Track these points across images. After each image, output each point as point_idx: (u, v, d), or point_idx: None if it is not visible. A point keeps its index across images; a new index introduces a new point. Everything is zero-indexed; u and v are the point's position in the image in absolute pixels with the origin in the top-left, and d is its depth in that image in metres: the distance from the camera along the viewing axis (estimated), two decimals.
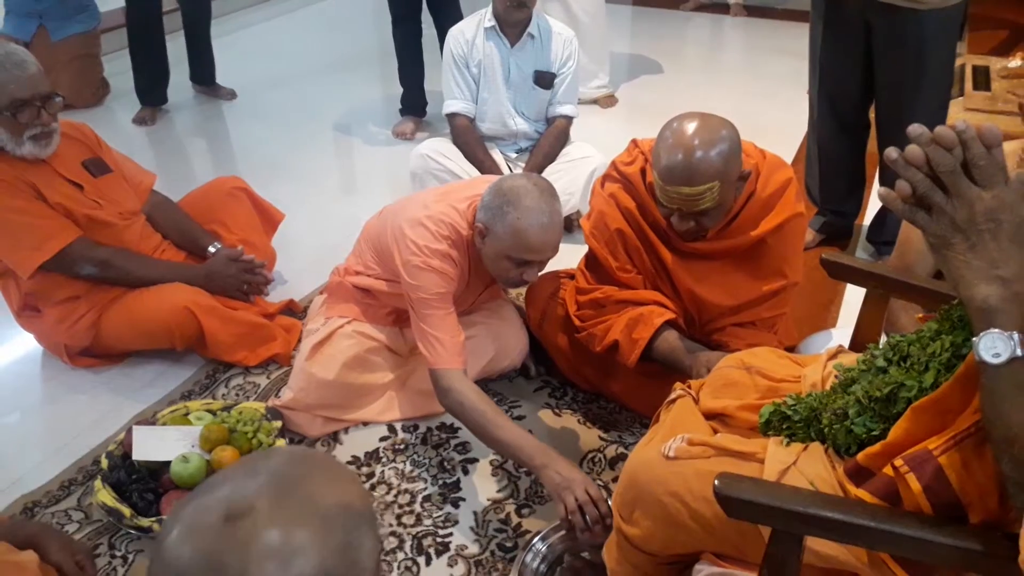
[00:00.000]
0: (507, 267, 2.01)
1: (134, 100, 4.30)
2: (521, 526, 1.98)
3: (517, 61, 3.18)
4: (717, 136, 1.82)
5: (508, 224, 1.94)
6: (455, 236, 2.08)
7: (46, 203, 2.29)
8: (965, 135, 0.97)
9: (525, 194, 1.93)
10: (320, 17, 6.26)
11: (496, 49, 3.17)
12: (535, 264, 2.02)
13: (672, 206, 1.90)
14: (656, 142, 1.89)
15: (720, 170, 1.83)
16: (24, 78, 2.18)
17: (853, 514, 1.15)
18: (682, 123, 1.85)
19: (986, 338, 0.97)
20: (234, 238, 2.67)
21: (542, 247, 1.97)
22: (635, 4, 6.32)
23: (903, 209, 1.02)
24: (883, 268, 1.76)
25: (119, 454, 2.05)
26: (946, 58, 2.63)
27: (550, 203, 1.96)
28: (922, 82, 2.59)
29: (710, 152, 1.81)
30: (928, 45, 2.54)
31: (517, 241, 1.95)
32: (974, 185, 0.98)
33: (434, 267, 2.03)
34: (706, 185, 1.83)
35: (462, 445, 2.21)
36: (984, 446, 1.06)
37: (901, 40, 2.54)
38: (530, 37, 3.17)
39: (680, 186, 1.83)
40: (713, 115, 1.89)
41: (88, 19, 4.34)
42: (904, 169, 1.00)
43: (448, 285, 2.04)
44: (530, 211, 1.92)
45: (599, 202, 2.16)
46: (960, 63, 3.84)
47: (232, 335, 2.44)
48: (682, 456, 1.44)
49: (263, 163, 3.84)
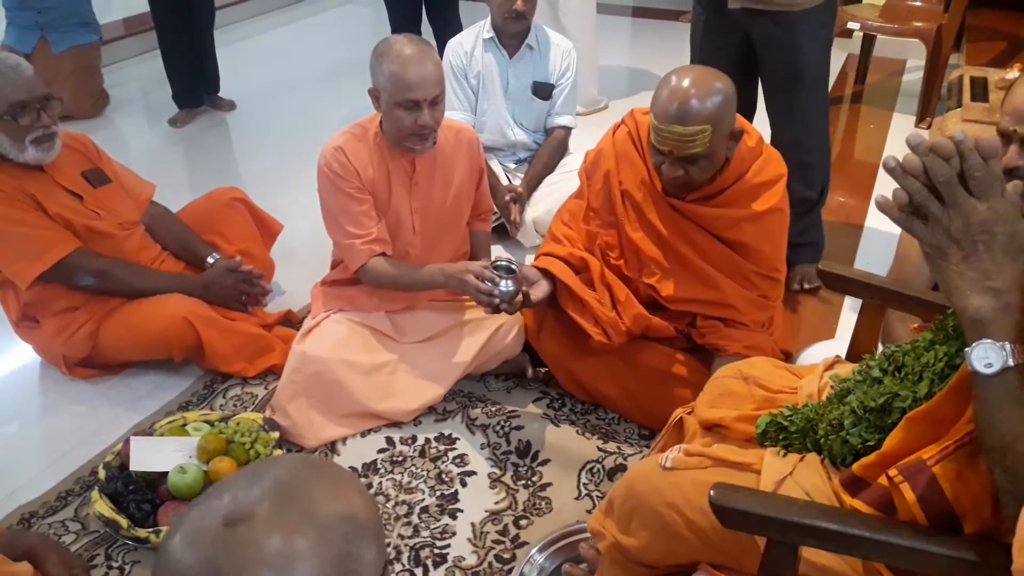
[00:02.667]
0: (401, 117, 2.13)
1: (134, 111, 4.33)
2: (519, 538, 1.97)
3: (516, 72, 3.20)
4: (713, 85, 1.90)
5: (385, 73, 2.10)
6: (357, 131, 2.27)
7: (45, 213, 2.30)
8: (963, 146, 0.97)
9: (394, 43, 2.12)
10: (320, 28, 6.29)
11: (495, 60, 3.19)
12: (422, 104, 2.11)
13: (664, 147, 1.94)
14: (657, 87, 1.96)
15: (712, 115, 1.89)
16: (20, 81, 2.20)
17: (848, 524, 1.15)
18: (681, 71, 1.94)
19: (978, 348, 0.98)
20: (233, 249, 2.67)
21: (420, 82, 2.09)
22: (634, 16, 6.35)
23: (900, 217, 1.02)
24: (879, 279, 1.77)
25: (116, 465, 2.05)
26: (821, 56, 2.73)
27: (419, 46, 2.13)
28: (801, 81, 2.68)
29: (705, 96, 1.88)
30: (802, 45, 2.62)
31: (396, 84, 2.09)
32: (970, 196, 0.98)
33: (330, 165, 2.21)
34: (698, 127, 1.88)
35: (460, 457, 2.21)
36: (978, 456, 1.06)
37: (776, 42, 2.63)
38: (529, 48, 3.19)
39: (674, 124, 1.89)
40: (710, 68, 1.98)
41: (89, 32, 4.37)
42: (901, 177, 1.00)
43: (347, 177, 2.20)
44: (400, 54, 2.09)
45: (604, 142, 2.26)
46: (958, 74, 3.86)
47: (230, 346, 2.44)
48: (679, 466, 1.44)
49: (262, 173, 3.85)
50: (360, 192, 2.24)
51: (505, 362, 2.44)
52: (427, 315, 2.39)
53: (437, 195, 2.33)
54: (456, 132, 2.38)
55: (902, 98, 4.64)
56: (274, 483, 0.76)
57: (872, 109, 4.56)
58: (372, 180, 2.25)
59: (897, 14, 4.39)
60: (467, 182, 2.39)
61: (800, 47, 2.62)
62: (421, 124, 2.13)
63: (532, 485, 2.12)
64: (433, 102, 2.13)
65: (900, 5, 4.48)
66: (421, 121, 2.13)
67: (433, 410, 2.35)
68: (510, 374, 2.48)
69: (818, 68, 2.72)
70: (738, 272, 2.13)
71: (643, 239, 2.15)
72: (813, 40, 2.64)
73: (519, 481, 2.13)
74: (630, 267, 2.20)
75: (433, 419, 2.34)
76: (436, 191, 2.33)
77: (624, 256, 2.21)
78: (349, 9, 6.71)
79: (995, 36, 4.79)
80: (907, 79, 4.90)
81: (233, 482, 0.78)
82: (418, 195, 2.31)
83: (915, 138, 1.00)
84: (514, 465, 2.18)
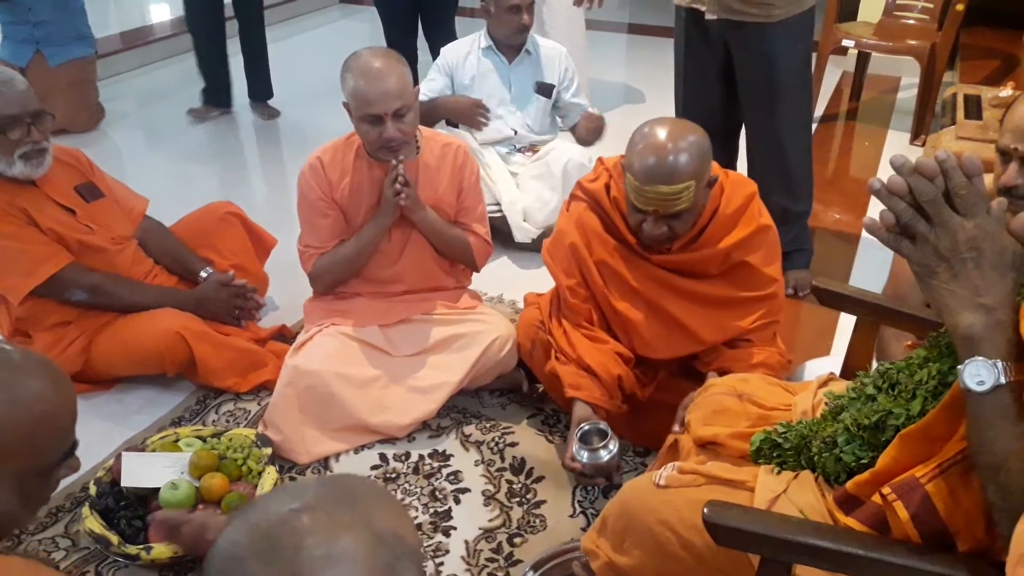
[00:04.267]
0: (367, 130, 2.18)
1: (129, 125, 4.33)
2: (513, 555, 1.96)
3: (517, 76, 3.32)
4: (691, 137, 1.87)
5: (350, 87, 2.14)
6: (345, 141, 2.33)
7: (38, 228, 2.29)
8: (946, 164, 0.98)
9: (360, 57, 2.15)
10: (314, 43, 6.30)
11: (494, 66, 3.31)
12: (385, 119, 2.14)
13: (648, 208, 1.90)
14: (629, 147, 1.92)
15: (696, 169, 1.86)
16: (12, 95, 2.18)
17: (842, 542, 1.15)
18: (654, 127, 1.89)
19: (971, 366, 0.98)
20: (226, 263, 2.67)
21: (380, 96, 2.11)
22: (629, 32, 6.38)
23: (888, 238, 1.03)
24: (873, 296, 1.77)
25: (108, 480, 2.04)
26: (799, 67, 2.76)
27: (385, 60, 2.14)
28: (778, 92, 2.70)
29: (687, 151, 1.84)
30: (779, 55, 2.65)
31: (358, 99, 2.13)
32: (956, 214, 0.99)
33: (304, 174, 2.31)
34: (684, 184, 1.85)
35: (454, 474, 2.20)
36: (971, 474, 1.06)
37: (753, 53, 2.66)
38: (527, 53, 3.32)
39: (659, 185, 1.85)
40: (681, 119, 1.96)
41: (85, 45, 4.36)
42: (887, 199, 1.01)
43: (318, 188, 2.29)
44: (363, 69, 2.12)
45: (560, 221, 2.19)
46: (952, 92, 3.87)
47: (223, 361, 2.43)
48: (673, 484, 1.44)
49: (257, 187, 3.85)
50: (327, 207, 2.30)
51: (500, 377, 2.43)
52: (420, 329, 2.38)
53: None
54: (443, 145, 2.39)
55: (896, 115, 4.66)
56: (343, 488, 0.82)
57: (867, 126, 4.58)
58: (349, 190, 2.29)
59: (891, 32, 4.42)
60: (450, 194, 2.40)
61: (776, 58, 2.65)
62: (387, 137, 2.16)
63: (526, 503, 2.11)
64: (397, 115, 2.15)
65: (894, 23, 4.51)
66: (386, 135, 2.16)
67: (427, 426, 2.35)
68: (505, 390, 2.48)
69: (796, 79, 2.75)
70: (734, 307, 2.09)
71: (629, 309, 2.09)
72: (790, 51, 2.67)
73: (513, 498, 2.12)
74: (623, 339, 2.13)
75: (427, 435, 2.33)
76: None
77: (611, 330, 2.13)
78: (344, 24, 6.73)
79: (988, 54, 4.83)
80: (901, 96, 4.93)
81: (303, 482, 0.84)
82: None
83: (899, 159, 1.01)
84: (508, 482, 2.17)
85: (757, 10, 2.59)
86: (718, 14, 2.63)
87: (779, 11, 2.58)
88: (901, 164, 1.00)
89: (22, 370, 1.15)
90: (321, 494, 0.80)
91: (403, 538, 0.80)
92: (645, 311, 2.09)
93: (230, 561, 0.76)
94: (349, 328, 2.35)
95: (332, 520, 0.77)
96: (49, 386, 1.17)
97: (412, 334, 2.38)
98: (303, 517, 0.76)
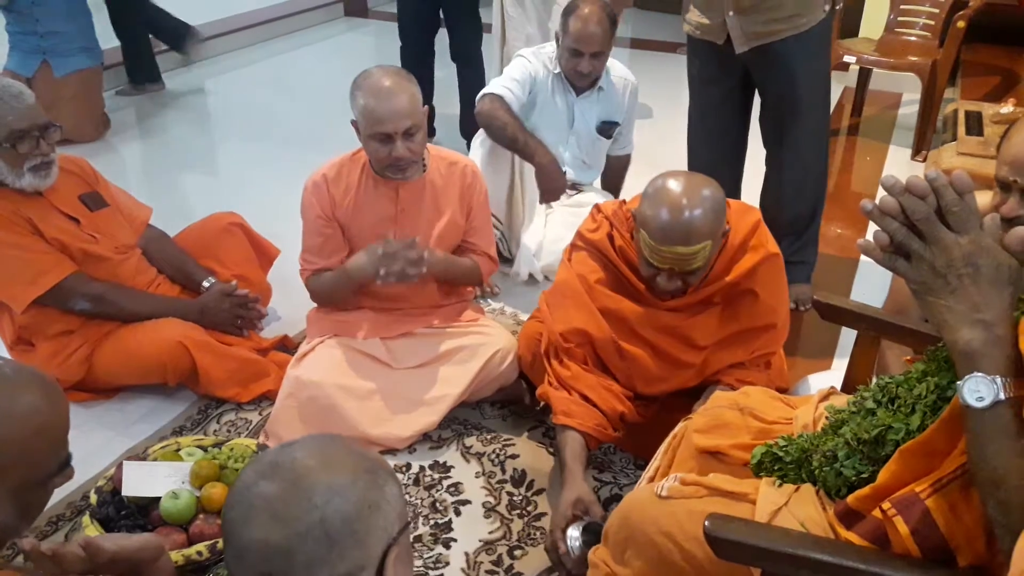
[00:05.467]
0: (376, 148, 2.17)
1: (134, 135, 4.34)
2: (513, 568, 1.96)
3: (583, 110, 3.09)
4: (708, 195, 1.84)
5: (360, 107, 2.14)
6: (351, 157, 2.33)
7: (42, 237, 2.30)
8: (936, 183, 0.99)
9: (370, 75, 2.14)
10: (322, 56, 6.32)
11: (561, 95, 3.06)
12: (395, 137, 2.14)
13: (664, 266, 1.89)
14: (643, 203, 1.89)
15: (713, 229, 1.85)
16: (22, 109, 2.20)
17: (842, 556, 1.15)
18: (668, 183, 1.86)
19: (970, 381, 0.98)
20: (229, 273, 2.67)
21: (391, 115, 2.11)
22: (632, 47, 6.41)
23: (883, 258, 1.03)
24: (874, 310, 1.77)
25: (109, 489, 2.03)
26: (822, 76, 2.76)
27: (395, 78, 2.15)
28: (802, 103, 2.71)
29: (704, 211, 1.82)
30: (802, 65, 2.65)
31: (368, 117, 2.12)
32: (950, 231, 0.99)
33: (307, 189, 2.32)
34: (701, 244, 1.83)
35: (454, 486, 2.20)
36: (971, 489, 1.06)
37: (779, 68, 2.66)
38: (599, 89, 3.06)
39: (676, 246, 1.83)
40: (695, 174, 1.92)
41: (91, 56, 4.39)
42: (880, 219, 1.02)
43: (320, 205, 2.29)
44: (374, 87, 2.12)
45: (562, 271, 2.16)
46: (953, 108, 3.89)
47: (225, 371, 2.44)
48: (675, 495, 1.44)
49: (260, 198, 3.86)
50: (325, 225, 2.31)
51: (501, 389, 2.44)
52: (422, 342, 2.39)
53: (424, 225, 2.35)
54: (450, 164, 2.39)
55: (898, 131, 4.67)
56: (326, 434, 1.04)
57: (868, 141, 4.59)
58: (352, 206, 2.29)
59: (893, 48, 4.44)
60: (458, 214, 2.39)
61: (801, 69, 2.65)
62: (396, 156, 2.16)
63: (527, 515, 2.11)
64: (407, 134, 2.15)
65: (895, 40, 4.54)
66: (395, 153, 2.16)
67: (428, 438, 2.35)
68: (505, 402, 2.48)
69: (819, 88, 2.75)
70: (737, 342, 2.08)
71: (642, 355, 2.07)
72: (813, 60, 2.67)
73: (514, 511, 2.12)
74: (622, 379, 2.09)
75: (428, 447, 2.33)
76: (424, 221, 2.34)
77: (606, 371, 2.10)
78: (350, 38, 6.76)
79: (990, 71, 4.85)
80: (903, 112, 4.95)
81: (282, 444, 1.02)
82: (405, 223, 2.32)
83: (889, 179, 1.02)
84: (509, 494, 2.17)
85: (783, 25, 2.57)
86: (747, 45, 2.61)
87: (804, 20, 2.57)
88: (892, 184, 1.01)
89: (15, 384, 1.16)
90: (307, 437, 1.00)
91: (379, 460, 0.99)
92: (650, 353, 2.08)
93: (243, 491, 0.92)
94: (351, 340, 2.35)
95: (320, 444, 0.98)
96: (43, 399, 1.18)
97: (414, 346, 2.38)
98: (295, 446, 0.96)
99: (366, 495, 0.92)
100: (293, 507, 0.89)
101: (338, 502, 0.90)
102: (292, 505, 0.89)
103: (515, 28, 3.88)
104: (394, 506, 0.95)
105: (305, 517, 0.89)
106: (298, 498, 0.90)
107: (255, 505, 0.90)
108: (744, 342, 2.09)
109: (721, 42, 2.67)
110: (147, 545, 1.29)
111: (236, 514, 0.91)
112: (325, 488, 0.91)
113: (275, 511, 0.89)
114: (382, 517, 0.93)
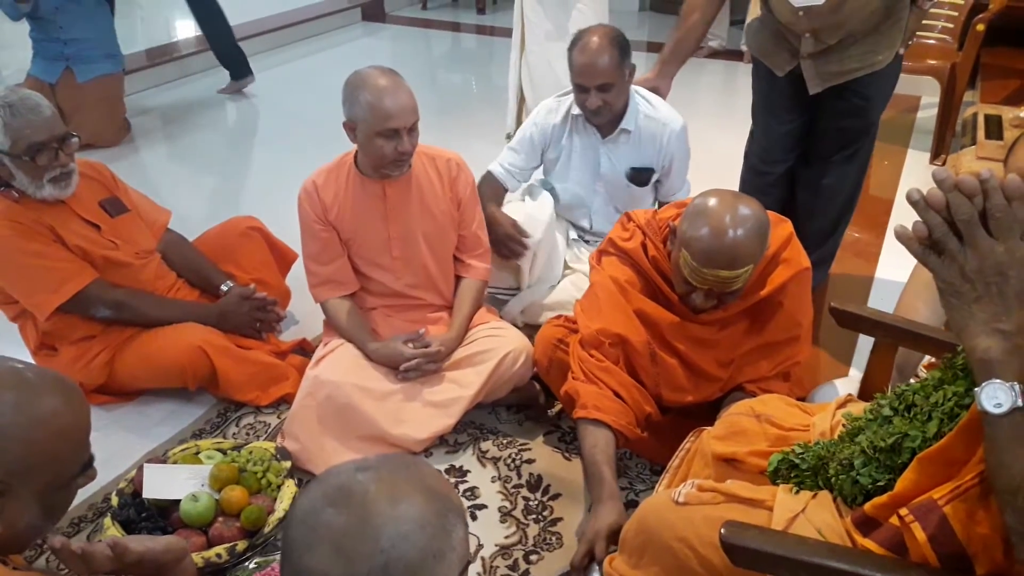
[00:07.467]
0: (381, 146, 2.19)
1: (155, 140, 4.37)
2: (529, 573, 1.96)
3: (609, 153, 2.72)
4: (754, 219, 1.81)
5: (363, 104, 2.15)
6: (336, 163, 2.38)
7: (64, 245, 2.33)
8: (988, 184, 0.97)
9: (368, 75, 2.18)
10: (341, 59, 6.34)
11: (585, 139, 2.73)
12: (401, 132, 2.17)
13: (704, 287, 1.88)
14: (687, 223, 1.85)
15: (756, 252, 1.84)
16: (39, 122, 2.22)
17: (859, 564, 1.15)
18: (713, 204, 1.83)
19: (988, 388, 0.98)
20: (248, 277, 2.70)
21: (399, 111, 2.15)
22: (648, 51, 6.40)
23: (917, 250, 1.02)
24: (891, 317, 1.77)
25: (129, 492, 2.06)
26: (884, 106, 2.77)
27: (391, 76, 2.20)
28: (868, 134, 2.75)
29: (749, 236, 1.80)
30: (874, 100, 2.67)
31: (375, 114, 2.15)
32: (989, 236, 0.98)
33: (300, 198, 2.37)
34: (745, 268, 1.83)
35: (471, 490, 2.21)
36: (989, 496, 1.05)
37: (851, 103, 2.66)
38: (625, 132, 2.67)
39: (719, 270, 1.82)
40: (740, 194, 1.89)
41: (113, 62, 4.44)
42: (924, 211, 1.01)
43: (313, 211, 2.34)
44: (376, 86, 2.15)
45: (593, 276, 2.16)
46: (972, 112, 3.87)
47: (244, 375, 2.46)
48: (692, 501, 1.44)
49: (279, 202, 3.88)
50: (321, 230, 2.36)
51: (516, 390, 2.44)
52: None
53: (415, 220, 2.37)
54: (432, 158, 2.42)
55: (916, 135, 4.64)
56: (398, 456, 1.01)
57: (886, 145, 4.56)
58: (342, 212, 2.33)
59: (911, 52, 4.41)
60: (449, 205, 2.42)
61: (871, 104, 2.67)
62: (401, 151, 2.20)
63: (543, 520, 2.11)
64: (411, 129, 2.20)
65: (914, 43, 4.50)
66: (401, 148, 2.20)
67: (444, 442, 2.36)
68: (522, 405, 2.49)
69: (876, 126, 2.78)
70: (762, 354, 2.08)
71: (673, 364, 2.06)
72: (883, 93, 2.69)
73: (530, 515, 2.12)
74: (650, 385, 2.07)
75: (444, 451, 2.34)
76: (414, 216, 2.37)
77: (641, 376, 2.07)
78: (367, 42, 6.79)
79: (1009, 74, 4.81)
80: (921, 116, 4.91)
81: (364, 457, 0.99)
82: (396, 220, 2.35)
83: (941, 173, 0.99)
84: (525, 499, 2.18)
85: (858, 63, 2.54)
86: (822, 86, 2.60)
87: (881, 57, 2.54)
88: (943, 179, 0.99)
89: (37, 389, 1.18)
90: (381, 459, 0.96)
91: (450, 497, 0.95)
92: (679, 363, 2.07)
93: (309, 513, 0.90)
94: None
95: (392, 476, 0.93)
96: (64, 402, 1.21)
97: None
98: (368, 474, 0.92)
99: (432, 543, 0.89)
100: (359, 546, 0.87)
101: (404, 548, 0.88)
102: (358, 543, 0.87)
103: (533, 31, 3.90)
104: (459, 552, 0.93)
105: (368, 559, 0.87)
106: (364, 537, 0.87)
107: (320, 533, 0.88)
108: (768, 355, 2.09)
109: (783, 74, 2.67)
110: (172, 547, 1.31)
111: (298, 535, 0.90)
112: (393, 531, 0.88)
113: (340, 545, 0.87)
114: (445, 566, 0.90)
